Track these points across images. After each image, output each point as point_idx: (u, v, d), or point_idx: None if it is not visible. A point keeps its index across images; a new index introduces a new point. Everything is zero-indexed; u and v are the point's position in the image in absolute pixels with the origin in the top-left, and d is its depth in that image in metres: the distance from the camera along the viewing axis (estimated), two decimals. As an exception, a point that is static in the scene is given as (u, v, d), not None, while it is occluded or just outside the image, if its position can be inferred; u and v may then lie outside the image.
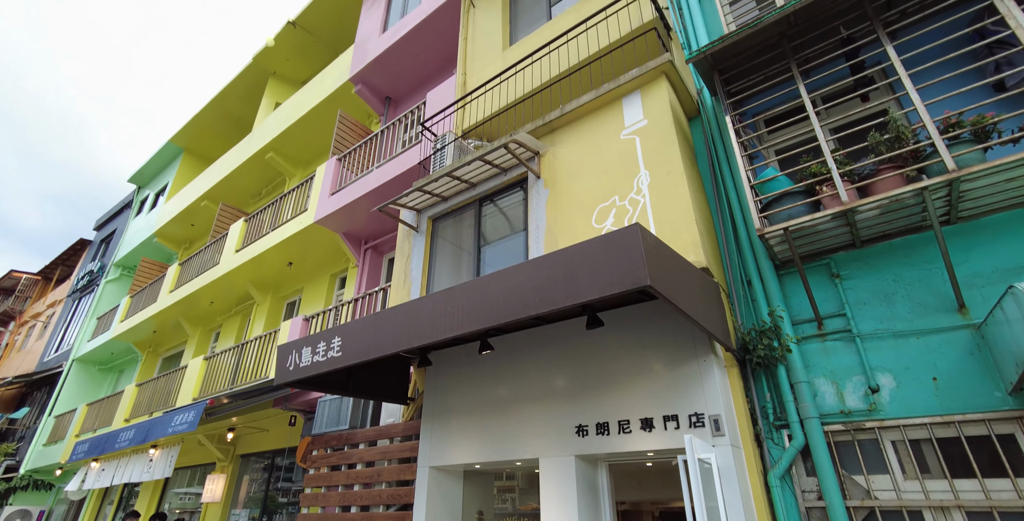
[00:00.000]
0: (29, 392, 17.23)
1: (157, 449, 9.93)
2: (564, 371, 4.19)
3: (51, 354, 17.51)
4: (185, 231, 15.09)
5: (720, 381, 3.46)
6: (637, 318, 3.97)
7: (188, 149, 16.96)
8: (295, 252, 9.87)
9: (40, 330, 20.12)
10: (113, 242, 18.45)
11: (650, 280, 2.62)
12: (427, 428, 4.85)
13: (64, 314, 18.49)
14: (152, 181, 18.30)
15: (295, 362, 4.36)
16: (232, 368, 9.38)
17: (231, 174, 12.86)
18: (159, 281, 13.23)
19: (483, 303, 3.28)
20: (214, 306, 12.08)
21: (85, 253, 20.55)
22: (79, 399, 14.65)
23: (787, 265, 3.98)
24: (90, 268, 18.46)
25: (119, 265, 17.07)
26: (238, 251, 10.63)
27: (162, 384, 10.69)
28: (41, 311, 21.04)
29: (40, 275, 23.33)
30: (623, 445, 3.61)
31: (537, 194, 5.04)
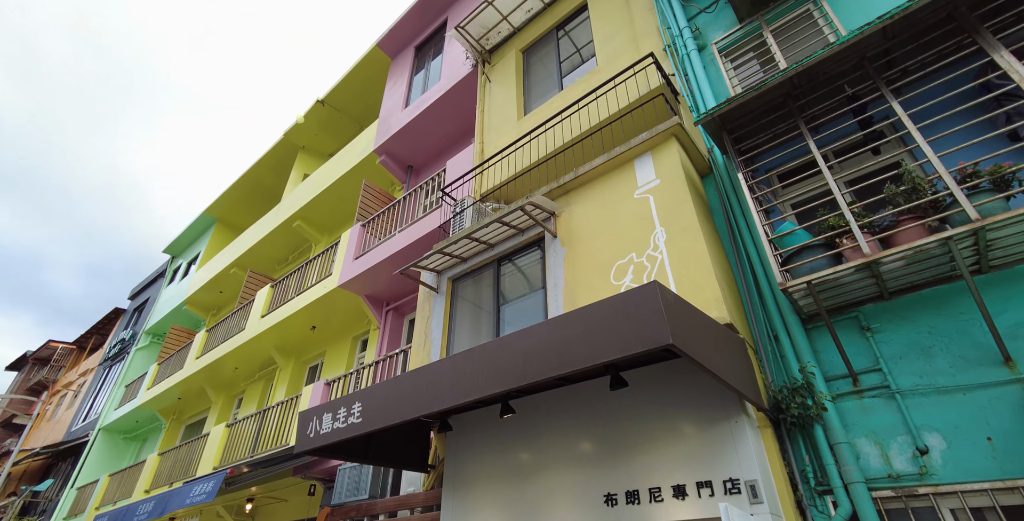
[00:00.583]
0: (54, 463, 17.15)
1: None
2: (589, 434, 4.03)
3: (79, 423, 17.58)
4: (214, 298, 15.50)
5: (754, 443, 3.28)
6: (663, 376, 3.86)
7: (220, 219, 17.79)
8: (319, 316, 10.02)
9: (70, 399, 20.35)
10: (145, 311, 19.00)
11: (672, 338, 2.58)
12: (448, 498, 4.65)
13: (94, 383, 18.76)
14: (185, 251, 19.09)
15: (315, 429, 4.31)
16: (253, 435, 9.26)
17: (260, 242, 13.37)
18: (186, 348, 13.45)
19: (503, 365, 3.25)
20: (238, 372, 12.14)
21: (119, 322, 21.14)
22: (102, 469, 14.50)
23: (814, 319, 3.87)
24: (122, 336, 18.92)
25: (149, 333, 17.46)
26: (263, 316, 10.84)
27: (183, 453, 10.56)
28: (73, 380, 21.39)
29: (75, 344, 23.95)
30: (655, 515, 3.38)
31: (554, 253, 5.10)
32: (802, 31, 5.07)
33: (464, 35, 8.65)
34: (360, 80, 12.80)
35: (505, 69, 8.34)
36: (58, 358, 23.64)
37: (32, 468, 17.22)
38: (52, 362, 23.53)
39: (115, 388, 16.37)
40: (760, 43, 5.28)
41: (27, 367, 25.99)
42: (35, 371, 24.92)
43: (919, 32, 3.75)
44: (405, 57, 11.92)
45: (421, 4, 11.35)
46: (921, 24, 3.69)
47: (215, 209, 17.40)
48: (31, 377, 24.54)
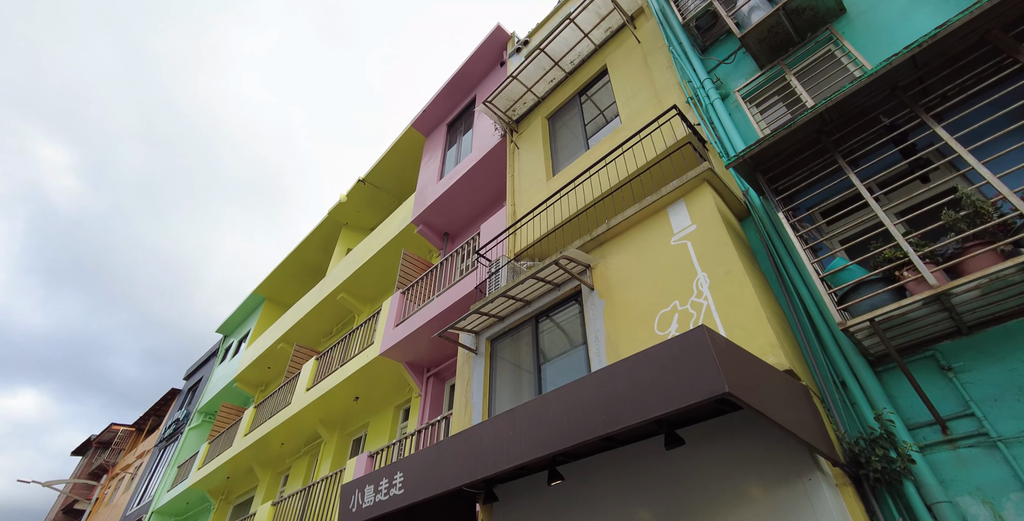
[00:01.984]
0: (105, 551, 16.99)
1: (217, 616, 9.18)
2: (645, 500, 3.67)
3: (134, 507, 17.59)
4: (262, 374, 15.77)
5: (834, 504, 2.89)
6: (722, 432, 3.54)
7: (269, 298, 18.52)
8: (361, 386, 9.98)
9: (128, 482, 20.54)
10: (199, 390, 19.48)
11: (728, 387, 2.38)
12: (499, 580, 4.25)
13: (150, 464, 18.95)
14: (236, 329, 19.80)
15: (358, 503, 4.11)
16: (299, 513, 9.00)
17: (305, 316, 13.75)
18: (235, 425, 13.54)
19: (545, 426, 3.06)
20: (284, 448, 12.04)
21: (174, 402, 21.68)
22: (150, 557, 14.23)
23: (884, 361, 3.53)
24: (176, 416, 19.30)
25: (201, 412, 17.76)
26: (309, 389, 10.89)
27: (229, 537, 10.28)
28: (131, 463, 21.70)
29: (134, 426, 24.56)
30: (733, 597, 2.96)
31: (592, 305, 4.98)
32: (826, 70, 5.08)
33: (492, 109, 9.16)
34: (397, 158, 13.61)
35: (532, 136, 8.70)
36: (118, 441, 24.21)
37: (85, 557, 17.08)
38: (113, 445, 24.09)
39: (168, 469, 16.46)
40: (784, 86, 5.32)
41: (90, 451, 26.67)
42: (97, 455, 25.51)
43: (952, 57, 3.66)
44: (438, 134, 12.68)
45: (451, 84, 12.22)
46: (953, 49, 3.61)
47: (264, 288, 18.17)
48: (93, 461, 25.10)
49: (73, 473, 26.44)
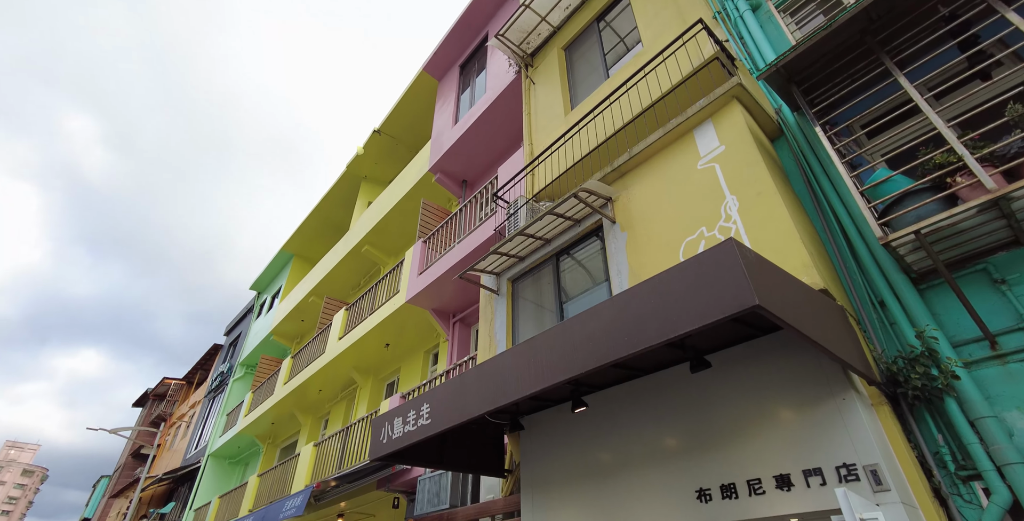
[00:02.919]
0: (176, 488, 18.53)
1: (274, 543, 9.97)
2: (673, 426, 3.65)
3: (192, 451, 18.96)
4: (296, 327, 16.31)
5: (869, 422, 2.79)
6: (750, 357, 3.44)
7: (297, 254, 18.86)
8: (391, 333, 10.20)
9: (184, 430, 22.06)
10: (239, 344, 20.37)
11: (759, 299, 2.24)
12: (527, 502, 4.38)
13: (202, 413, 20.23)
14: (269, 286, 20.38)
15: (388, 434, 4.23)
16: (339, 452, 9.49)
17: (333, 270, 13.96)
18: (275, 375, 14.19)
19: (566, 352, 3.01)
20: (322, 394, 12.58)
21: (218, 357, 22.81)
22: (214, 492, 15.47)
23: (928, 277, 3.31)
24: (221, 370, 20.35)
25: (243, 364, 18.64)
26: (341, 338, 11.21)
27: (279, 473, 11.01)
28: (185, 412, 23.22)
29: (184, 380, 26.08)
30: (757, 510, 2.95)
31: (614, 239, 4.81)
32: (868, -31, 4.54)
33: (505, 43, 8.67)
34: (411, 106, 13.23)
35: (548, 69, 8.24)
36: (172, 393, 25.82)
37: (158, 493, 18.70)
38: (167, 397, 25.74)
39: (218, 417, 17.54)
40: (820, -9, 4.80)
41: (148, 403, 28.62)
42: (155, 406, 27.37)
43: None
44: (451, 77, 12.19)
45: (461, 23, 11.60)
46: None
47: (291, 245, 18.47)
48: (152, 411, 26.97)
49: (136, 422, 28.55)
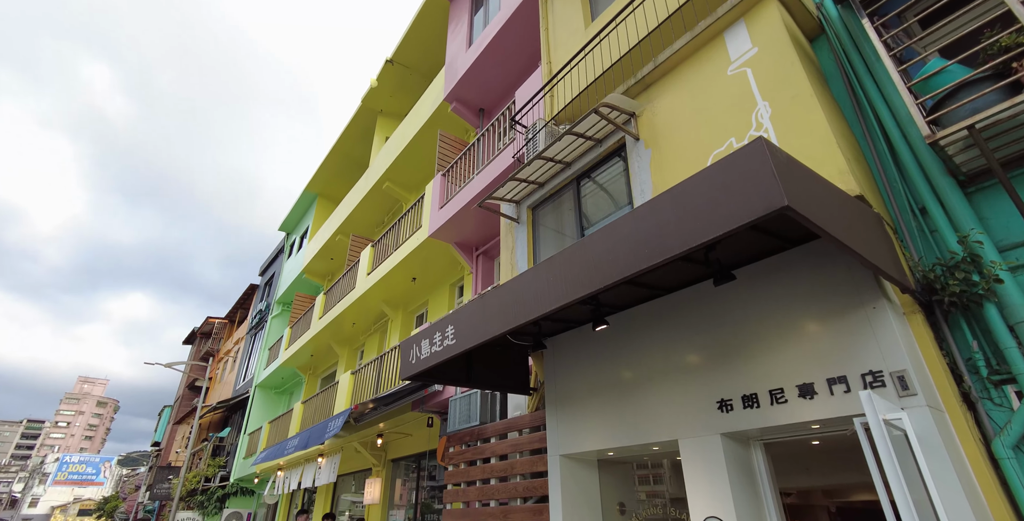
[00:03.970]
0: (230, 415, 20.16)
1: (323, 458, 10.87)
2: (695, 343, 3.66)
3: (240, 383, 20.38)
4: (326, 265, 16.75)
5: (899, 330, 2.73)
6: (777, 271, 3.35)
7: (321, 194, 18.97)
8: (416, 268, 10.37)
9: (231, 364, 23.60)
10: (274, 284, 21.15)
11: (788, 199, 2.11)
12: (552, 416, 4.58)
13: (246, 348, 21.49)
14: (296, 226, 20.75)
15: (416, 355, 4.39)
16: (375, 379, 10.04)
17: (356, 208, 14.04)
18: (310, 311, 14.79)
19: (586, 268, 2.96)
20: (356, 327, 13.12)
21: (255, 296, 23.80)
22: (264, 418, 16.79)
23: (977, 179, 3.08)
24: (259, 308, 21.30)
25: (279, 302, 19.45)
26: (369, 274, 11.49)
27: (321, 400, 11.79)
28: (230, 348, 24.70)
29: (226, 319, 27.50)
30: (778, 417, 3.00)
31: (638, 157, 4.61)
32: None
33: (517, -51, 7.95)
34: (423, 31, 12.54)
35: (566, -22, 7.57)
36: (216, 331, 27.36)
37: (215, 420, 20.41)
38: (213, 334, 27.32)
39: (261, 352, 18.62)
40: None
41: (196, 340, 30.51)
42: (202, 343, 29.17)
43: None
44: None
45: (470, -68, 10.66)
46: None
47: (314, 185, 18.54)
48: (200, 348, 28.79)
49: (187, 358, 30.63)
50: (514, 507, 4.89)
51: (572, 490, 4.31)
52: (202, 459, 17.95)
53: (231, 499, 16.64)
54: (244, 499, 16.89)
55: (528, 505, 4.75)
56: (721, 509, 3.11)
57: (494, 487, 5.21)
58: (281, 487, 12.33)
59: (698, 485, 3.28)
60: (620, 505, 4.57)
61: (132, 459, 29.55)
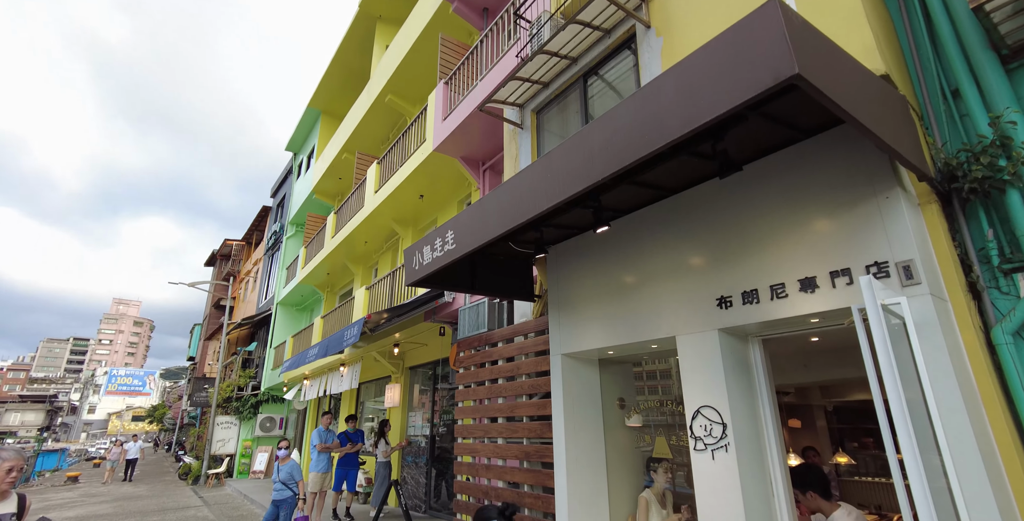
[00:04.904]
0: (256, 331, 21.25)
1: (345, 367, 11.53)
2: (697, 245, 3.59)
3: (263, 301, 21.22)
4: (335, 185, 16.61)
5: (911, 220, 2.61)
6: (786, 165, 3.18)
7: (324, 111, 18.32)
8: (423, 185, 10.22)
9: (252, 284, 24.43)
10: (285, 205, 21.21)
11: (799, 68, 1.90)
12: (554, 318, 4.68)
13: (265, 269, 22.11)
14: (303, 146, 20.34)
15: (419, 261, 4.41)
16: (388, 293, 10.33)
17: (360, 124, 13.58)
18: (322, 231, 14.94)
19: (583, 160, 2.82)
20: (368, 245, 13.28)
21: (269, 217, 24.01)
22: (287, 333, 17.68)
23: (1022, 54, 2.77)
24: (273, 229, 21.57)
25: (292, 223, 19.63)
26: (376, 192, 11.38)
27: (339, 315, 12.27)
28: (250, 269, 25.43)
29: (244, 240, 28.02)
30: (777, 311, 2.99)
31: (648, 47, 4.25)
32: None
33: None
34: (418, -84, 11.26)
35: None
36: (235, 253, 28.02)
37: (242, 335, 21.57)
38: (232, 256, 28.04)
39: (279, 271, 19.14)
40: None
41: (217, 262, 31.40)
42: (223, 265, 30.05)
43: None
44: None
45: None
46: None
47: (317, 101, 17.86)
48: (222, 270, 29.69)
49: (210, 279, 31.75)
50: (520, 403, 5.17)
51: (573, 386, 4.51)
52: (233, 371, 19.23)
53: (264, 405, 18.05)
54: (276, 405, 18.31)
55: (533, 401, 5.01)
56: (715, 401, 3.22)
57: (501, 386, 5.49)
58: (308, 394, 13.25)
59: (694, 378, 3.37)
60: (620, 400, 4.80)
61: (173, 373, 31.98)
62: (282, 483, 6.86)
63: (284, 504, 6.81)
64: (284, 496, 6.83)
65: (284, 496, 6.83)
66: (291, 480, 6.90)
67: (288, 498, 6.84)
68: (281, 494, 6.83)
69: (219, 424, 17.66)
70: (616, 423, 4.72)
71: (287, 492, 6.85)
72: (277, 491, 6.86)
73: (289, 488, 6.85)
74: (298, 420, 17.61)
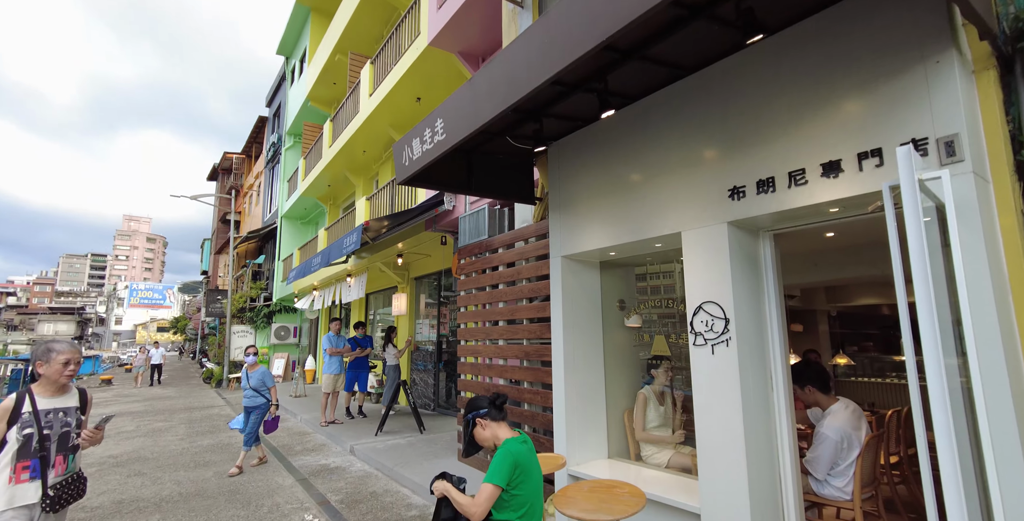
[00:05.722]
0: (262, 245, 21.45)
1: (352, 278, 11.65)
2: (708, 133, 3.25)
3: (267, 214, 21.15)
4: (330, 91, 15.70)
5: (962, 89, 2.25)
6: (820, 32, 2.74)
7: (314, 7, 16.82)
8: (419, 85, 9.54)
9: (256, 198, 24.23)
10: (282, 115, 20.31)
11: None
12: (555, 220, 4.47)
13: (267, 182, 21.75)
14: (294, 49, 18.99)
15: (408, 157, 4.11)
16: (389, 204, 10.11)
17: (352, 21, 12.47)
18: (319, 140, 14.38)
19: (585, 20, 2.41)
20: (367, 154, 12.81)
21: (266, 128, 23.16)
22: (293, 245, 17.82)
23: None
24: (272, 141, 20.87)
25: (290, 134, 18.93)
26: (371, 95, 10.72)
27: (341, 226, 12.18)
28: (252, 183, 25.07)
29: (244, 154, 27.34)
30: (795, 200, 2.74)
31: None
32: None
33: None
34: None
35: None
36: (236, 167, 27.50)
37: (250, 249, 21.81)
38: (233, 170, 27.54)
39: (281, 184, 18.82)
40: None
41: (219, 176, 30.96)
42: (226, 179, 29.64)
43: None
44: None
45: None
46: None
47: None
48: (225, 184, 29.35)
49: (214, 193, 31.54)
50: (520, 306, 5.14)
51: (573, 288, 4.41)
52: (244, 283, 19.67)
53: (277, 316, 18.69)
54: (289, 315, 18.95)
55: (533, 304, 4.97)
56: (719, 296, 3.08)
57: (502, 291, 5.44)
58: (317, 304, 13.58)
59: (698, 274, 3.22)
60: (620, 302, 4.74)
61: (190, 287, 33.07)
62: (253, 390, 6.58)
63: (256, 411, 6.56)
64: (257, 403, 6.57)
65: (257, 403, 6.57)
66: (263, 386, 6.62)
67: (261, 405, 6.58)
68: (253, 401, 6.57)
69: (235, 333, 18.43)
70: (615, 323, 4.69)
71: (259, 399, 6.58)
72: (248, 398, 6.60)
73: (261, 394, 6.59)
74: (311, 329, 18.32)
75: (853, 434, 3.32)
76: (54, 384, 2.75)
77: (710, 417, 3.05)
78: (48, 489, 2.61)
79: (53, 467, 2.66)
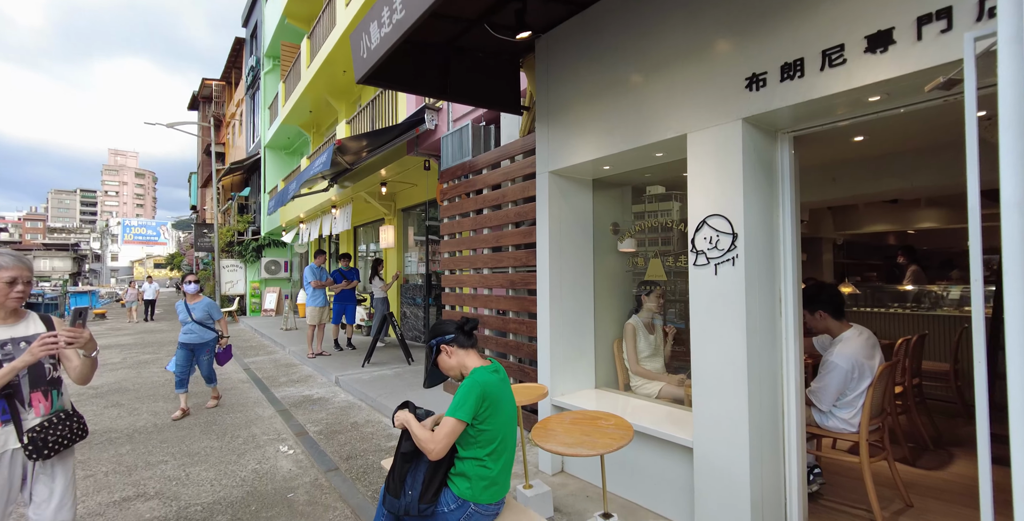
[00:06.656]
0: (248, 177, 20.67)
1: (337, 209, 11.15)
2: (722, 14, 2.64)
3: (251, 145, 20.21)
4: (307, 6, 14.35)
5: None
6: None
7: (284, -97, 14.96)
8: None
9: (238, 128, 23.08)
10: (259, 35, 18.78)
11: None
12: (542, 130, 3.93)
13: (248, 110, 20.57)
14: (266, -45, 17.19)
15: (366, 47, 3.49)
16: (369, 126, 9.41)
17: (323, -87, 11.02)
18: (298, 60, 13.30)
19: None
20: (348, 74, 11.82)
21: (244, 51, 21.56)
22: (278, 176, 17.15)
23: None
24: (250, 64, 19.46)
25: (268, 56, 17.60)
26: (347, 4, 9.65)
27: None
28: (234, 112, 23.79)
29: (223, 80, 25.75)
30: (828, 86, 2.22)
31: None
32: None
33: None
34: None
35: None
36: (217, 94, 26.01)
37: (235, 181, 21.04)
38: (214, 98, 26.07)
39: (262, 112, 17.75)
40: None
41: (200, 105, 29.41)
42: (207, 108, 28.16)
43: None
44: None
45: None
46: None
47: None
48: (206, 113, 27.92)
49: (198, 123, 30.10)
50: (506, 232, 4.72)
51: (562, 209, 3.96)
52: (230, 216, 19.13)
53: (266, 250, 18.34)
54: (279, 250, 18.60)
55: (520, 229, 4.54)
56: (727, 208, 2.63)
57: (487, 216, 4.99)
58: (304, 236, 13.17)
59: (704, 183, 2.75)
60: (614, 225, 4.30)
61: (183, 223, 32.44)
62: (198, 323, 5.61)
63: (206, 347, 5.69)
64: (205, 339, 5.65)
65: (205, 339, 5.65)
66: (209, 319, 5.71)
67: (209, 340, 5.70)
68: (201, 336, 5.62)
69: (225, 267, 18.16)
70: (608, 248, 4.29)
71: (208, 333, 5.68)
72: (190, 333, 5.59)
73: (209, 328, 5.69)
74: (301, 263, 18.06)
75: (866, 363, 3.01)
76: (1, 309, 2.17)
77: (709, 345, 2.71)
78: (27, 432, 2.11)
79: (31, 406, 2.17)
